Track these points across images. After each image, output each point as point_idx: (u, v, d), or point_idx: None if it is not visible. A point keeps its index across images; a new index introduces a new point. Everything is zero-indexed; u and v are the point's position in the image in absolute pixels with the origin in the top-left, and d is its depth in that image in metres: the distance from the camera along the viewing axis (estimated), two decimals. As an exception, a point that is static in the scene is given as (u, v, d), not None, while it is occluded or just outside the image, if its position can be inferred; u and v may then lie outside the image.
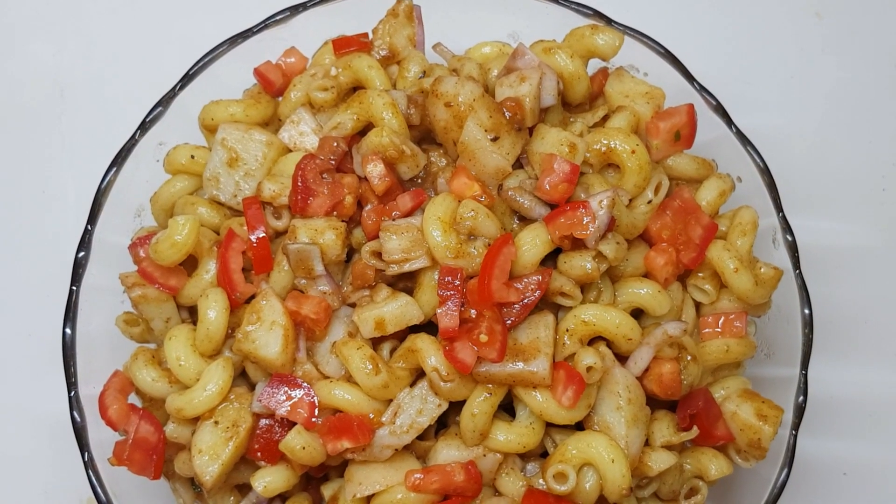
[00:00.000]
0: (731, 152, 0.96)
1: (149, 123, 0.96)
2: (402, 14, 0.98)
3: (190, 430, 0.86)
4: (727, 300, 0.92)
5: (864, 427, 1.10)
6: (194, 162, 0.95)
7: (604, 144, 0.89)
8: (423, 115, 0.90)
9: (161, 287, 0.89)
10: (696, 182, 0.95)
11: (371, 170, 0.86)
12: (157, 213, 0.97)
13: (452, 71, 0.95)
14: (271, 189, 0.88)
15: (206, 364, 0.86)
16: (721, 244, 0.90)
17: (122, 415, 0.88)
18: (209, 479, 0.83)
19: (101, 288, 0.93)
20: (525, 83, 0.87)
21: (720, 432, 0.89)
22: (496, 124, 0.85)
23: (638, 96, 0.95)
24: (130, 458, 0.86)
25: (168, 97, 0.96)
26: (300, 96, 0.96)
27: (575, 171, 0.85)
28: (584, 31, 0.95)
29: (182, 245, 0.86)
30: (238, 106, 0.96)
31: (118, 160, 0.95)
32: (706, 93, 0.96)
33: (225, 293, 0.87)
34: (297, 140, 0.93)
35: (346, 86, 0.95)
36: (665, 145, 0.92)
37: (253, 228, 0.88)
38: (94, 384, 0.90)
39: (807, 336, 0.92)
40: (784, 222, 0.94)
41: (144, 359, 0.89)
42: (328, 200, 0.86)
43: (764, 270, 0.90)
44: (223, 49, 0.98)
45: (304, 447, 0.81)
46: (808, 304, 0.92)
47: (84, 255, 0.92)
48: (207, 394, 0.84)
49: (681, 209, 0.90)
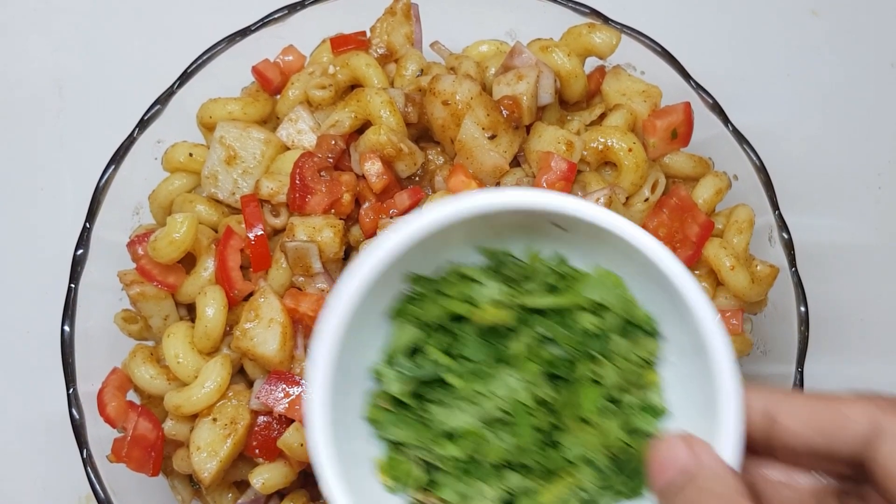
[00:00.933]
0: (728, 150, 0.97)
1: (147, 121, 0.96)
2: (399, 12, 0.98)
3: (188, 428, 0.87)
4: (723, 298, 0.92)
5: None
6: (192, 160, 0.95)
7: (601, 142, 0.89)
8: (421, 114, 0.90)
9: (159, 284, 0.89)
10: (693, 180, 0.95)
11: (369, 168, 0.86)
12: (155, 210, 0.97)
13: (450, 69, 0.95)
14: (269, 187, 0.89)
15: (205, 361, 0.86)
16: (717, 242, 0.91)
17: (121, 412, 0.88)
18: (207, 476, 0.83)
19: (100, 285, 0.94)
20: (522, 81, 0.88)
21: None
22: (493, 122, 0.85)
23: (635, 94, 0.95)
24: (129, 455, 0.86)
25: (166, 95, 0.97)
26: (298, 94, 0.96)
27: (572, 169, 0.85)
28: (581, 29, 0.95)
29: (180, 243, 0.86)
30: (236, 104, 0.96)
31: (116, 158, 0.95)
32: (703, 91, 0.97)
33: (223, 291, 0.87)
34: (296, 138, 0.93)
35: (344, 84, 0.96)
36: (662, 143, 0.93)
37: (251, 226, 0.88)
38: (92, 381, 0.90)
39: (803, 333, 0.92)
40: (780, 220, 0.94)
41: (143, 356, 0.89)
42: (326, 198, 0.86)
43: (760, 268, 0.91)
44: (221, 47, 0.98)
45: (303, 444, 0.81)
46: (804, 301, 0.92)
47: (82, 252, 0.92)
48: (206, 391, 0.85)
49: (677, 207, 0.90)
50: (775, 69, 1.23)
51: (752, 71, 1.23)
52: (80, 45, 1.23)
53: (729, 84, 1.12)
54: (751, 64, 1.23)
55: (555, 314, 0.63)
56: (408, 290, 0.64)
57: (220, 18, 1.08)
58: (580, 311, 0.63)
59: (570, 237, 0.63)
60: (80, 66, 1.22)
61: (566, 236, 0.63)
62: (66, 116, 1.21)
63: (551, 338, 0.62)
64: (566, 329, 0.62)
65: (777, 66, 1.23)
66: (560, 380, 0.62)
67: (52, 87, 1.22)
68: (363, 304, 0.60)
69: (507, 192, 0.61)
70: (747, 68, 1.23)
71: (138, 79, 1.14)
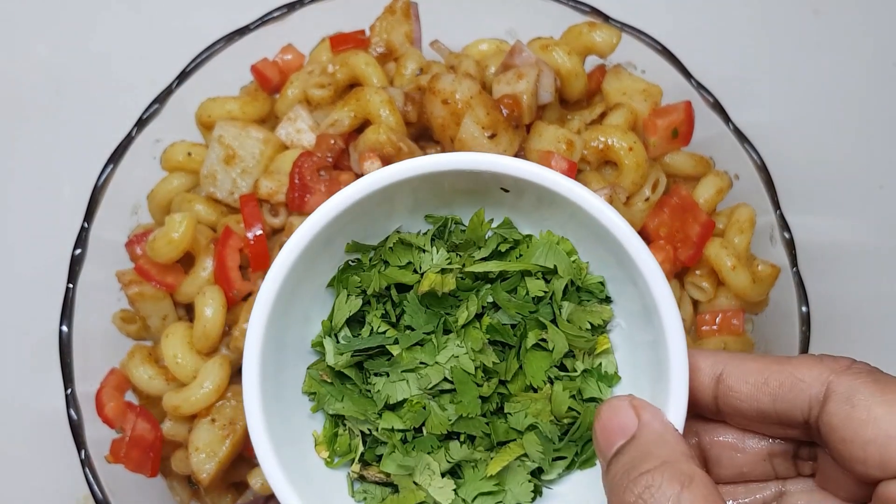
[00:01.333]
0: (729, 150, 0.96)
1: (145, 120, 0.96)
2: (399, 11, 0.98)
3: (187, 428, 0.86)
4: (725, 298, 0.92)
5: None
6: (191, 159, 0.95)
7: (601, 142, 0.89)
8: (421, 113, 0.90)
9: (158, 284, 0.89)
10: (694, 179, 0.95)
11: (368, 167, 0.86)
12: (153, 210, 0.97)
13: (450, 68, 0.95)
14: (268, 186, 0.88)
15: (203, 362, 0.86)
16: (718, 242, 0.90)
17: (119, 412, 0.88)
18: (206, 477, 0.83)
19: (98, 285, 0.93)
20: (522, 80, 0.87)
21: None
22: (493, 121, 0.85)
23: (635, 93, 0.95)
24: (127, 456, 0.86)
25: (165, 94, 0.96)
26: (297, 93, 0.96)
27: (572, 168, 0.85)
28: (581, 28, 0.95)
29: (179, 242, 0.86)
30: (235, 103, 0.96)
31: (115, 157, 0.94)
32: (703, 90, 0.96)
33: (222, 291, 0.87)
34: (294, 137, 0.93)
35: (344, 83, 0.95)
36: (662, 142, 0.92)
37: (250, 226, 0.88)
38: (90, 382, 0.90)
39: (804, 333, 0.92)
40: (781, 220, 0.94)
41: (141, 356, 0.89)
42: (325, 198, 0.86)
43: (761, 268, 0.91)
44: (220, 46, 0.98)
45: (301, 445, 0.81)
46: (806, 301, 0.92)
47: (80, 252, 0.92)
48: (204, 391, 0.84)
49: (678, 207, 0.90)
50: (777, 68, 1.23)
51: (753, 70, 1.23)
52: (79, 45, 1.23)
53: (730, 83, 1.12)
54: (752, 63, 1.23)
55: (502, 280, 0.62)
56: (350, 260, 0.63)
57: (219, 17, 1.08)
58: (528, 276, 0.61)
59: (520, 203, 0.61)
60: (78, 65, 1.22)
61: (515, 202, 0.61)
62: (65, 116, 1.20)
63: (499, 305, 0.61)
64: (513, 295, 0.61)
65: (778, 66, 1.23)
66: (508, 347, 0.61)
67: (50, 87, 1.21)
68: (303, 276, 0.59)
69: (451, 155, 0.59)
70: (748, 67, 1.23)
71: (137, 78, 1.14)
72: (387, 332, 0.61)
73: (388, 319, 0.62)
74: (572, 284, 0.62)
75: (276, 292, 0.58)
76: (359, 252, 0.63)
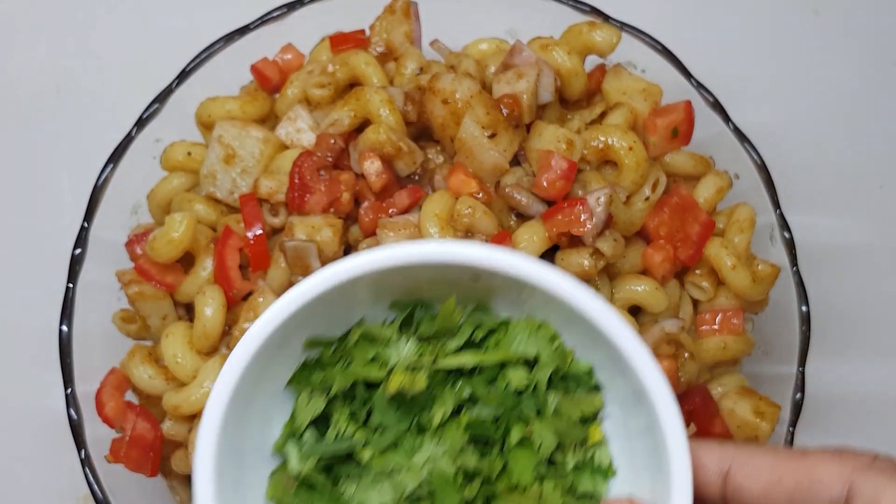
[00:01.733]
0: (729, 149, 0.96)
1: (145, 120, 0.96)
2: (399, 11, 0.98)
3: (187, 428, 0.86)
4: (724, 297, 0.92)
5: (862, 423, 1.10)
6: (191, 159, 0.94)
7: (601, 141, 0.88)
8: (420, 112, 0.90)
9: (158, 284, 0.89)
10: (694, 179, 0.95)
11: (368, 166, 0.86)
12: (153, 209, 0.97)
13: (450, 68, 0.95)
14: (268, 186, 0.88)
15: (203, 361, 0.86)
16: (718, 241, 0.90)
17: (119, 412, 0.88)
18: (206, 477, 0.83)
19: (98, 285, 0.93)
20: (522, 80, 0.87)
21: (718, 429, 0.89)
22: (493, 121, 0.85)
23: (635, 93, 0.95)
24: (127, 456, 0.86)
25: (164, 94, 0.96)
26: (297, 93, 0.96)
27: (572, 168, 0.85)
28: (581, 27, 0.95)
29: (179, 242, 0.86)
30: (235, 103, 0.96)
31: (115, 157, 0.94)
32: (703, 89, 0.96)
33: (222, 290, 0.87)
34: (294, 137, 0.93)
35: (343, 82, 0.95)
36: (662, 142, 0.92)
37: (250, 225, 0.88)
38: (90, 381, 0.90)
39: (804, 333, 0.92)
40: (781, 219, 0.94)
41: (141, 356, 0.89)
42: (325, 197, 0.86)
43: (761, 267, 0.90)
44: (220, 46, 0.98)
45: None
46: (806, 300, 0.92)
47: (80, 252, 0.92)
48: (204, 391, 0.84)
49: (678, 206, 0.90)
50: (777, 67, 1.23)
51: (753, 69, 1.22)
52: (78, 44, 1.23)
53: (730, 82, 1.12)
54: (752, 62, 1.23)
55: (480, 372, 0.57)
56: (310, 357, 0.58)
57: (218, 16, 1.08)
58: (509, 366, 0.57)
59: (493, 284, 0.56)
60: (78, 64, 1.22)
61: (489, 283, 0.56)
62: (64, 115, 1.20)
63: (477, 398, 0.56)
64: (493, 388, 0.56)
65: (778, 65, 1.23)
66: (490, 444, 0.56)
67: (49, 86, 1.21)
68: (259, 376, 0.54)
69: (412, 247, 0.54)
70: (749, 66, 1.22)
71: (136, 77, 1.14)
72: (355, 434, 0.56)
73: (357, 419, 0.57)
74: (557, 373, 0.57)
75: (230, 396, 0.53)
76: (319, 347, 0.58)
